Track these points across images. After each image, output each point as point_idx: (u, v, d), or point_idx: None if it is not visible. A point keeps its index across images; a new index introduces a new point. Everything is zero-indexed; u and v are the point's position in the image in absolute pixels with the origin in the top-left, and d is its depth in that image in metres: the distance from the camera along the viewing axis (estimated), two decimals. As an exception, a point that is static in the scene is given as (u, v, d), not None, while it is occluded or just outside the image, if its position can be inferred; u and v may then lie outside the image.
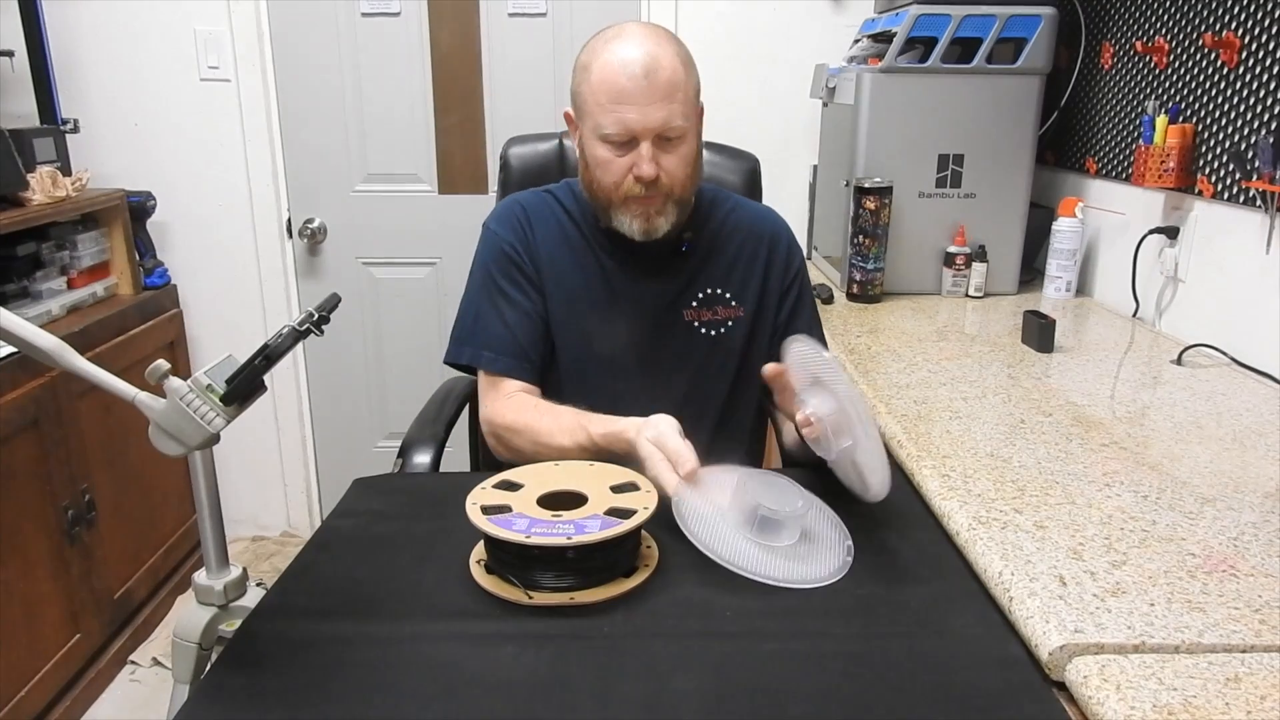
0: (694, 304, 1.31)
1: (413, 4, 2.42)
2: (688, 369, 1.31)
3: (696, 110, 1.22)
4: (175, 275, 2.52)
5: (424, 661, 0.78)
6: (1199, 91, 1.67)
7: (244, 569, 0.93)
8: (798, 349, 1.02)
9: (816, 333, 1.40)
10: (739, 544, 0.92)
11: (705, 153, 1.64)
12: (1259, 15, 1.51)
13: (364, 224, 2.58)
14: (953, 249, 2.00)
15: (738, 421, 1.36)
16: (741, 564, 0.89)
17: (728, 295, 1.32)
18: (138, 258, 2.36)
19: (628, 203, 1.21)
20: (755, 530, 0.93)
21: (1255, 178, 1.50)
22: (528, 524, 0.87)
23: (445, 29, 2.44)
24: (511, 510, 0.91)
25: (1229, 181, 1.59)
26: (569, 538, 0.85)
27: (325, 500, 2.80)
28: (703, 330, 1.31)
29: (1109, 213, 1.96)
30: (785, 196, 2.44)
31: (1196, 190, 1.67)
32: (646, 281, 1.30)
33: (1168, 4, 1.77)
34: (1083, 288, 2.03)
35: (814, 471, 1.07)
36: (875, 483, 0.92)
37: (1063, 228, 1.95)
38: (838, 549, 0.95)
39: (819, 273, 2.27)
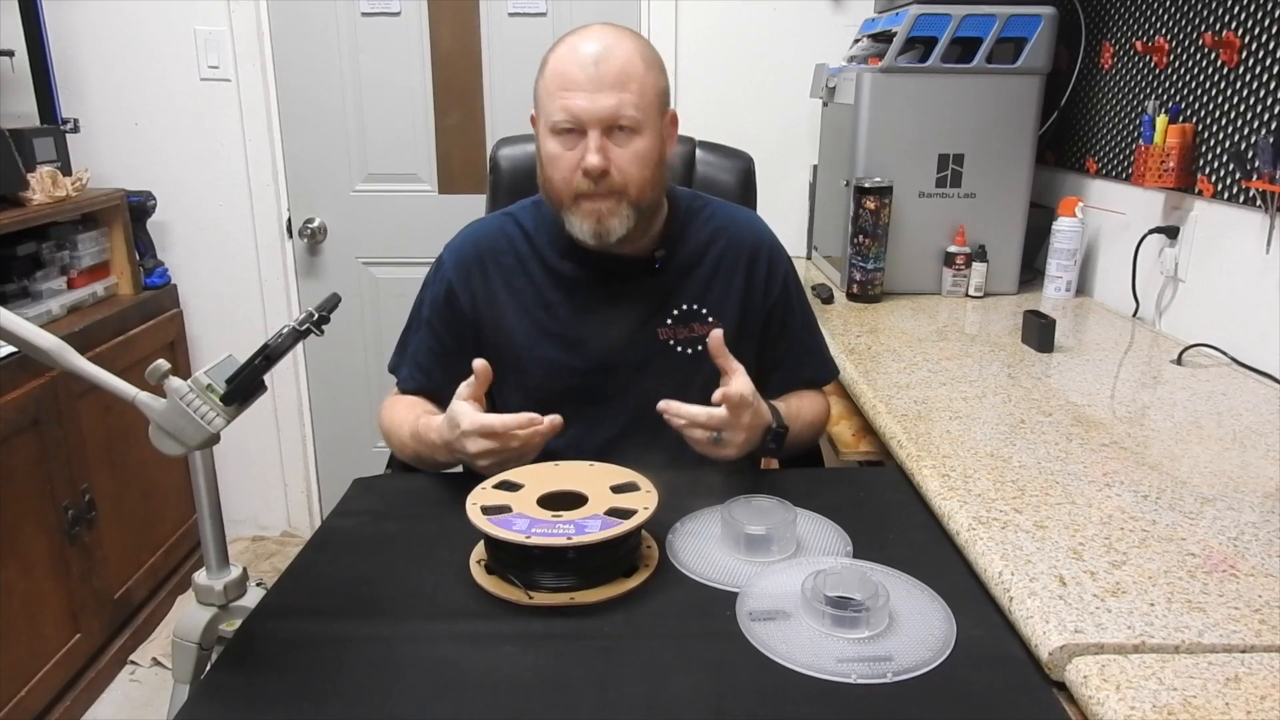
0: (669, 322, 1.25)
1: (413, 4, 2.42)
2: (665, 390, 1.22)
3: (658, 110, 1.15)
4: (175, 275, 2.52)
5: (424, 661, 0.78)
6: (1199, 91, 1.67)
7: (244, 569, 0.93)
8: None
9: (809, 344, 1.35)
10: (733, 566, 0.93)
11: (699, 152, 1.63)
12: (1259, 15, 1.51)
13: (364, 224, 2.58)
14: (953, 249, 2.00)
15: None
16: (739, 585, 0.89)
17: (705, 311, 1.26)
18: (138, 257, 2.36)
19: (578, 202, 1.14)
20: (745, 551, 0.94)
21: (1255, 178, 1.50)
22: (528, 524, 0.87)
23: (445, 29, 2.44)
24: (512, 510, 0.91)
25: (1229, 181, 1.59)
26: (569, 538, 0.85)
27: (325, 500, 2.80)
28: (679, 349, 1.25)
29: (1109, 212, 1.96)
30: (785, 196, 2.45)
31: (1196, 190, 1.67)
32: (618, 301, 1.24)
33: (1168, 4, 1.77)
34: (1083, 288, 2.02)
35: (810, 481, 1.06)
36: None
37: (1063, 228, 1.95)
38: (838, 554, 0.96)
39: (819, 273, 2.27)
